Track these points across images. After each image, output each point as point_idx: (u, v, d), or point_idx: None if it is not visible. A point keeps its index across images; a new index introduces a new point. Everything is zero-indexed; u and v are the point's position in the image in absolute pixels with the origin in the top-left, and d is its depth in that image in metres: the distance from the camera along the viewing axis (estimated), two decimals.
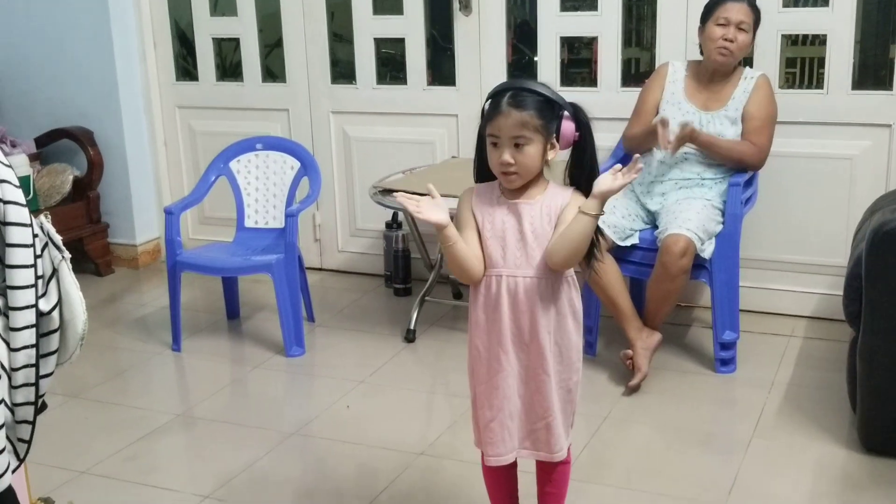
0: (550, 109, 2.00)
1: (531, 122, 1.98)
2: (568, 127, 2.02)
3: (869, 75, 3.79)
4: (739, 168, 3.36)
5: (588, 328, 3.43)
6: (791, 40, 3.83)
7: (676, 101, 3.42)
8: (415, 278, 4.21)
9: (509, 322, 2.08)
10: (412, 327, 3.69)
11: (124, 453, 2.89)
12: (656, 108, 3.45)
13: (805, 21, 3.62)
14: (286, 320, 3.56)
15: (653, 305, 3.28)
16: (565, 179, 2.10)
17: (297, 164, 3.84)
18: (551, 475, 2.25)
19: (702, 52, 3.43)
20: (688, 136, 3.23)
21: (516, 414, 2.13)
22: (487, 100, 2.05)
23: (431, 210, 2.00)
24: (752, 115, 3.35)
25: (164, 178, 4.75)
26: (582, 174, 2.07)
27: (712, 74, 3.40)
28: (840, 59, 3.57)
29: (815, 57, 3.80)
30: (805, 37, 3.81)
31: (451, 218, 1.94)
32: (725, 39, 3.29)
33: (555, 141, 2.02)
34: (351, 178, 4.42)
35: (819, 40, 3.70)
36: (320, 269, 4.57)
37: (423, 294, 3.79)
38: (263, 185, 3.89)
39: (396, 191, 3.64)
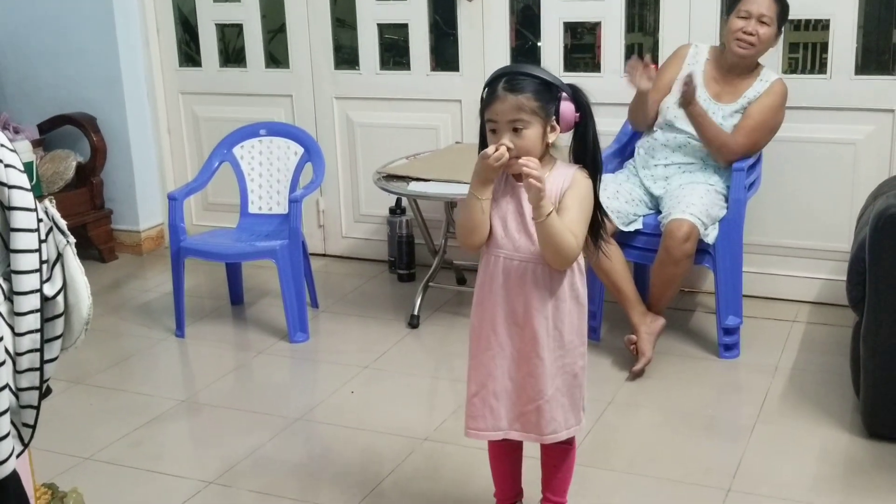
0: (548, 91, 2.00)
1: (528, 104, 1.98)
2: (567, 108, 2.01)
3: (872, 60, 3.77)
4: (712, 154, 3.33)
5: (592, 313, 3.42)
6: (794, 25, 3.81)
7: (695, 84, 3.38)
8: (418, 264, 4.21)
9: (503, 302, 2.10)
10: (416, 313, 3.70)
11: (129, 439, 2.90)
12: (670, 86, 3.42)
13: (808, 6, 3.60)
14: (290, 306, 3.56)
15: (657, 290, 3.28)
16: (570, 161, 2.10)
17: (300, 150, 3.84)
18: (552, 458, 2.26)
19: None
20: (691, 89, 3.17)
21: (503, 394, 2.14)
22: (485, 88, 2.05)
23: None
24: (750, 113, 3.32)
25: (168, 164, 4.75)
26: (585, 155, 2.07)
27: (731, 66, 3.37)
28: (843, 43, 3.56)
29: (819, 42, 3.79)
30: (808, 21, 3.79)
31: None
32: (745, 32, 3.26)
33: (555, 123, 2.02)
34: (355, 163, 4.41)
35: (822, 25, 3.69)
36: (324, 255, 4.57)
37: (426, 280, 3.80)
38: (267, 171, 3.88)
39: (400, 177, 3.65)
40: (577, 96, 2.04)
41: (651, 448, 2.78)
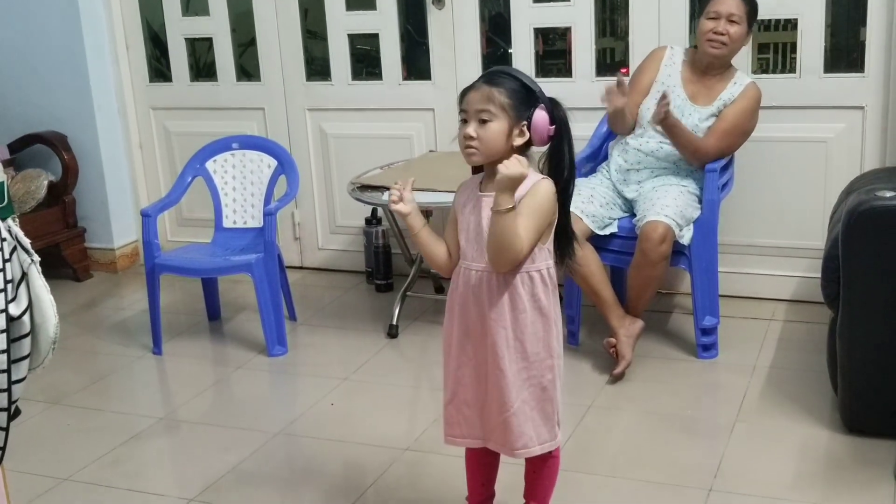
0: (525, 95, 2.01)
1: (498, 98, 1.99)
2: (541, 117, 2.01)
3: (841, 58, 3.81)
4: (685, 158, 3.34)
5: (570, 318, 3.44)
6: (763, 25, 3.84)
7: (672, 85, 3.40)
8: (396, 274, 4.20)
9: (465, 313, 2.11)
10: (394, 323, 3.69)
11: (107, 459, 2.87)
12: (648, 88, 3.44)
13: (775, 5, 3.63)
14: (267, 320, 3.54)
15: (634, 293, 3.29)
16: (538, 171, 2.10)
17: (274, 163, 3.83)
18: (534, 465, 2.25)
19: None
20: (665, 106, 3.18)
21: (474, 404, 2.14)
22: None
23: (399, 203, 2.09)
24: (725, 116, 3.34)
25: (141, 180, 4.72)
26: (559, 171, 2.06)
27: (706, 68, 3.39)
28: (811, 43, 3.59)
29: (788, 42, 3.82)
30: (777, 21, 3.82)
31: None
32: (715, 33, 3.28)
33: (525, 129, 2.02)
34: (329, 175, 4.40)
35: (791, 25, 3.72)
36: (301, 268, 4.55)
37: (404, 289, 3.79)
38: (241, 185, 3.87)
39: (375, 187, 3.64)
40: (556, 110, 2.04)
41: (632, 451, 2.78)
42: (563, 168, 2.06)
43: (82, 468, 2.81)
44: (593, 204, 3.32)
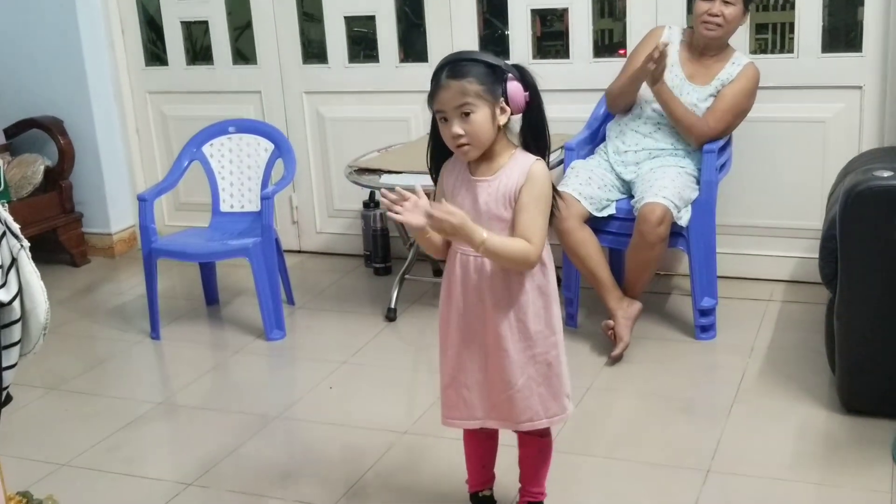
0: (492, 74, 1.97)
1: (471, 88, 1.95)
2: (515, 88, 1.98)
3: (839, 38, 3.79)
4: (683, 135, 3.34)
5: (569, 300, 3.44)
6: (762, 5, 3.82)
7: (669, 65, 3.38)
8: (394, 257, 4.19)
9: (463, 298, 2.09)
10: (393, 306, 3.69)
11: (106, 444, 2.87)
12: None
13: None
14: (265, 304, 3.54)
15: (632, 275, 3.29)
16: (520, 142, 2.08)
17: (270, 147, 3.81)
18: (529, 449, 2.26)
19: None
20: (663, 56, 3.15)
21: (475, 385, 2.13)
22: (431, 80, 2.02)
23: (411, 213, 1.95)
24: (724, 96, 3.33)
25: (137, 164, 4.71)
26: (533, 137, 2.05)
27: (703, 48, 3.38)
28: (809, 22, 3.57)
29: (786, 22, 3.80)
30: (775, 1, 3.80)
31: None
32: (710, 14, 3.27)
33: (504, 105, 1.99)
34: (326, 158, 4.39)
35: (789, 4, 3.70)
36: (299, 252, 4.55)
37: (402, 272, 3.78)
38: (238, 169, 3.86)
39: (373, 170, 3.63)
40: (524, 76, 2.01)
41: (630, 432, 2.79)
42: (544, 132, 2.05)
43: (80, 453, 2.81)
44: (591, 186, 3.31)
